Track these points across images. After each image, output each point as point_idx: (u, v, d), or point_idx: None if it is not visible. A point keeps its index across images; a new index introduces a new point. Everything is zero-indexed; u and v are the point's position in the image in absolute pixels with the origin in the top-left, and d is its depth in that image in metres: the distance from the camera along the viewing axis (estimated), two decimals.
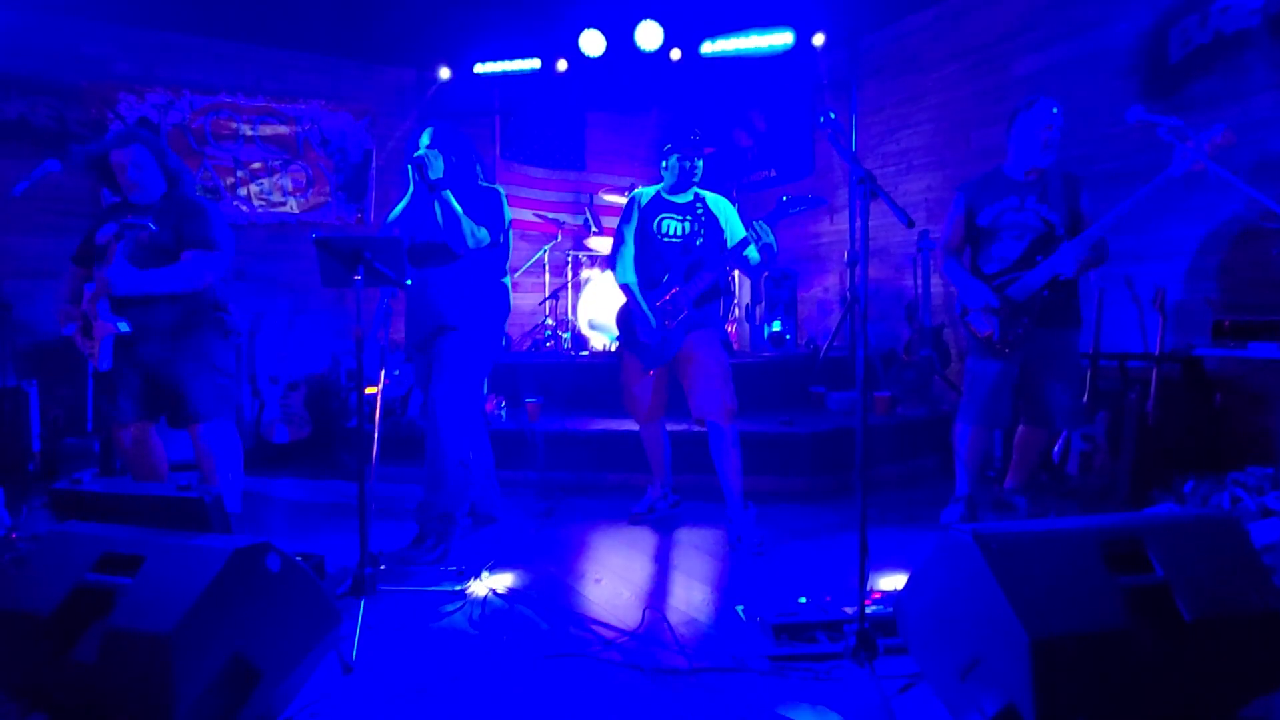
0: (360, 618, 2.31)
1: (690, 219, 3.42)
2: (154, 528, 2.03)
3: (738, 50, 5.65)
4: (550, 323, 6.04)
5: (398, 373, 4.85)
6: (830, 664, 2.12)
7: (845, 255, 5.77)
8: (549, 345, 5.92)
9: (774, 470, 4.09)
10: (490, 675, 2.15)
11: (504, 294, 3.35)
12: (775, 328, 5.70)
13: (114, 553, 1.87)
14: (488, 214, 3.15)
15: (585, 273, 5.98)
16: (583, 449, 4.40)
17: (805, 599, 2.46)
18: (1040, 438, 3.43)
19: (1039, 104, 3.13)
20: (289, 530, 3.64)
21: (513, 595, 2.74)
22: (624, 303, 3.44)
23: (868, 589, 2.15)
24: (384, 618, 2.50)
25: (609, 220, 6.22)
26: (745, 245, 3.20)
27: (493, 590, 2.75)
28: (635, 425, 3.62)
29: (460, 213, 3.05)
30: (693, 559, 3.18)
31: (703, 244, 3.39)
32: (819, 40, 5.58)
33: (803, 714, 1.91)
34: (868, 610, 2.12)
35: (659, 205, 3.46)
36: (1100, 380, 3.86)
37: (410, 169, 3.07)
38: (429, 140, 3.15)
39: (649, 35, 5.58)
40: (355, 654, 2.20)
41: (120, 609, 1.74)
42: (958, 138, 5.24)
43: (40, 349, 4.82)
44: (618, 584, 2.88)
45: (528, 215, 6.53)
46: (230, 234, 3.12)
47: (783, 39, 5.57)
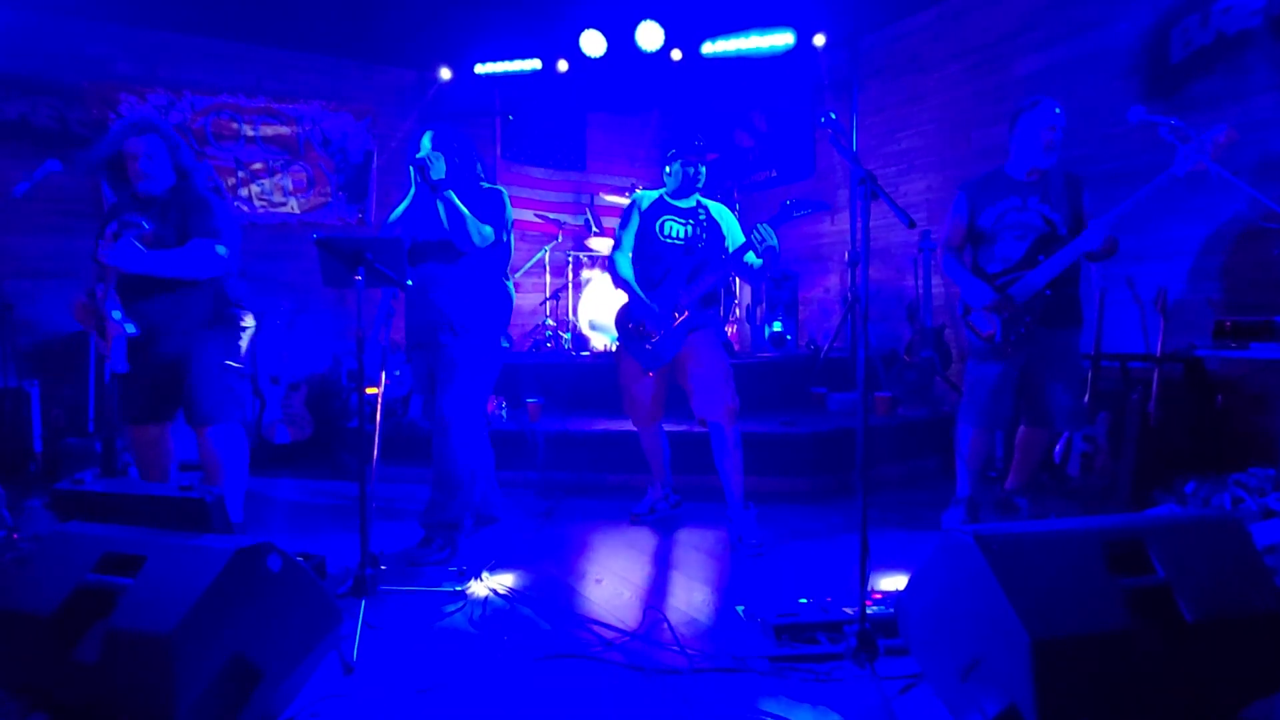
0: (361, 618, 2.31)
1: (693, 223, 3.43)
2: (155, 528, 2.03)
3: (739, 51, 5.65)
4: (551, 323, 6.04)
5: (399, 373, 4.85)
6: (831, 665, 2.12)
7: (846, 256, 5.76)
8: (550, 345, 5.92)
9: (775, 471, 4.09)
10: (491, 675, 2.15)
11: (506, 295, 3.35)
12: (776, 328, 5.70)
13: (115, 553, 1.87)
14: (491, 213, 3.16)
15: (586, 273, 5.98)
16: (583, 449, 4.40)
17: (806, 599, 2.46)
18: (1041, 438, 3.42)
19: (1042, 104, 3.12)
20: (290, 530, 3.64)
21: (513, 595, 2.74)
22: (624, 304, 3.44)
23: (868, 590, 2.15)
24: (385, 618, 2.50)
25: (609, 221, 6.22)
26: (745, 251, 3.20)
27: (493, 590, 2.76)
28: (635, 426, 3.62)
29: (465, 210, 3.06)
30: (693, 559, 3.18)
31: (705, 247, 3.40)
32: (820, 40, 5.59)
33: (803, 715, 1.91)
34: (868, 611, 2.11)
35: (661, 208, 3.46)
36: (1102, 381, 3.86)
37: (412, 170, 3.07)
38: (430, 143, 3.15)
39: (650, 36, 5.58)
40: (356, 654, 2.20)
41: (121, 609, 1.74)
42: (959, 138, 5.24)
43: (42, 349, 4.83)
44: (618, 584, 2.88)
45: (528, 215, 6.53)
46: (237, 228, 3.10)
47: (783, 39, 5.57)
